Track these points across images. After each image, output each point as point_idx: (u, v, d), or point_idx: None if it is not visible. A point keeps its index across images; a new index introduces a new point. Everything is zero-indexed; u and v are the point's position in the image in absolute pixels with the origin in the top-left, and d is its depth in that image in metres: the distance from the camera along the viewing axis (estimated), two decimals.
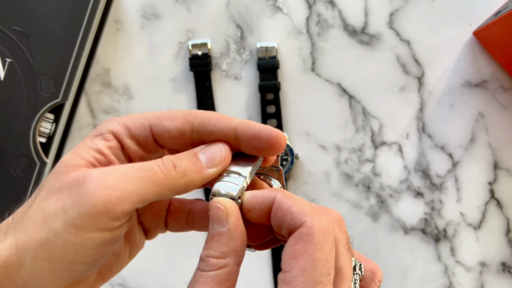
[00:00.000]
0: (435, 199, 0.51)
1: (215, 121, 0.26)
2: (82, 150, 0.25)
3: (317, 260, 0.22)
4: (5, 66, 0.48)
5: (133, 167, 0.24)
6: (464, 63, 0.50)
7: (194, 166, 0.25)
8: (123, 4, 0.52)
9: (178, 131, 0.26)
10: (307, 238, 0.22)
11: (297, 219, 0.23)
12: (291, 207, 0.23)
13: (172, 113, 0.27)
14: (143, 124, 0.26)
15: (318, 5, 0.51)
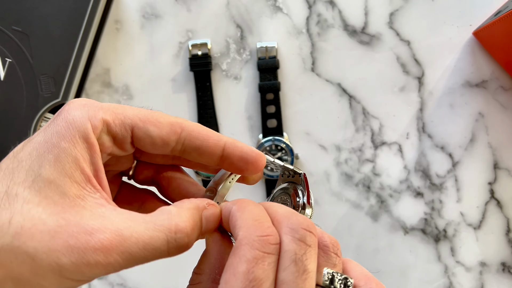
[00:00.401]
0: (435, 199, 0.51)
1: (203, 136, 0.26)
2: (66, 163, 0.22)
3: (239, 273, 0.21)
4: (5, 66, 0.48)
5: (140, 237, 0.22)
6: (464, 63, 0.50)
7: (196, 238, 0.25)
8: (123, 4, 0.52)
9: (162, 140, 0.25)
10: (234, 251, 0.22)
11: (235, 233, 0.23)
12: (236, 220, 0.24)
13: (157, 117, 0.25)
14: (124, 123, 0.25)
15: (318, 5, 0.51)
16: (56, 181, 0.22)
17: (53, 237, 0.20)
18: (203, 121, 0.51)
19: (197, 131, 0.26)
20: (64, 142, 0.23)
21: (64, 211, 0.21)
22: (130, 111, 0.25)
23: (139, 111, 0.25)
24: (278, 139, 0.50)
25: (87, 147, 0.23)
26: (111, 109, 0.25)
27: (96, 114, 0.24)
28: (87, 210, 0.22)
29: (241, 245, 0.22)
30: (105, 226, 0.21)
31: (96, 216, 0.22)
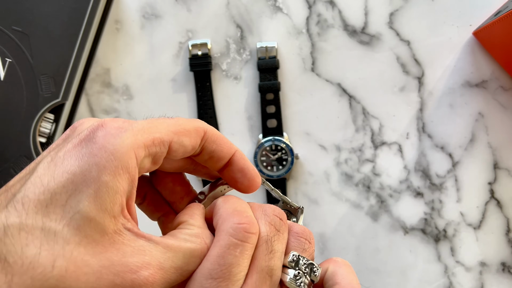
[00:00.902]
0: (435, 199, 0.51)
1: (220, 141, 0.27)
2: (107, 197, 0.21)
3: (211, 256, 0.24)
4: (5, 66, 0.48)
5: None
6: (464, 63, 0.50)
7: None
8: (123, 4, 0.52)
9: (193, 147, 0.26)
10: (214, 239, 0.25)
11: (216, 221, 0.26)
12: (218, 210, 0.26)
13: (184, 125, 0.26)
14: (163, 142, 0.24)
15: (318, 5, 0.51)
16: (96, 219, 0.21)
17: (98, 278, 0.20)
18: (203, 121, 0.51)
19: (216, 135, 0.27)
20: (105, 175, 0.21)
21: (105, 250, 0.21)
22: (161, 127, 0.25)
23: (168, 124, 0.25)
24: (278, 139, 0.50)
25: (128, 178, 0.22)
26: (147, 130, 0.24)
27: (137, 140, 0.23)
28: (127, 246, 0.22)
29: (218, 232, 0.24)
30: (148, 262, 0.22)
31: (136, 251, 0.22)
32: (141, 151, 0.23)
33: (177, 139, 0.25)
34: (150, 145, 0.23)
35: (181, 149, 0.25)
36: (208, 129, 0.27)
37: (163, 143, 0.24)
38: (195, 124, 0.26)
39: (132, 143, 0.22)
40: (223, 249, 0.24)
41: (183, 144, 0.25)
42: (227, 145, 0.27)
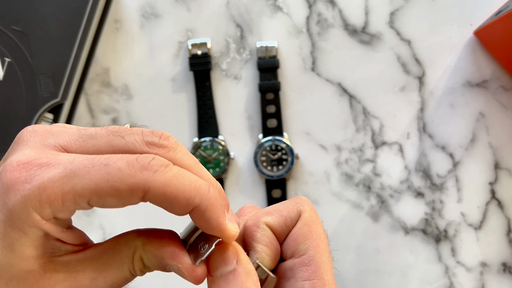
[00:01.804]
0: (436, 199, 0.51)
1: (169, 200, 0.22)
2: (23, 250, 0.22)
3: (322, 238, 0.26)
4: (4, 65, 0.48)
5: None
6: (465, 63, 0.50)
7: None
8: (122, 3, 0.51)
9: (124, 205, 0.22)
10: (308, 221, 0.26)
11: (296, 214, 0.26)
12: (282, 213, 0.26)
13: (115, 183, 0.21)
14: (76, 202, 0.21)
15: (318, 5, 0.50)
16: (17, 265, 0.22)
17: None
18: (203, 121, 0.51)
19: (164, 195, 0.21)
20: (13, 233, 0.21)
21: (37, 281, 0.22)
22: (80, 183, 0.20)
23: (91, 178, 0.20)
24: (278, 139, 0.50)
25: (41, 234, 0.22)
26: (57, 189, 0.20)
27: (41, 201, 0.20)
28: (59, 272, 0.22)
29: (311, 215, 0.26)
30: (80, 284, 0.22)
31: (70, 274, 0.22)
32: (47, 212, 0.21)
33: (97, 200, 0.21)
34: (58, 206, 0.20)
35: (108, 207, 0.22)
36: (152, 188, 0.21)
37: (75, 204, 0.21)
38: (133, 181, 0.21)
39: (34, 206, 0.20)
40: None
41: (106, 204, 0.21)
42: (180, 203, 0.22)
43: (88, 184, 0.20)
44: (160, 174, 0.21)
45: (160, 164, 0.21)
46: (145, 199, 0.21)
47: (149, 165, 0.21)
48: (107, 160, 0.21)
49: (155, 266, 0.24)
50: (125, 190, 0.20)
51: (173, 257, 0.23)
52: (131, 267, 0.23)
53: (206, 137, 0.51)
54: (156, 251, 0.23)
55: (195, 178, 0.22)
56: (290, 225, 0.26)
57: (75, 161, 0.21)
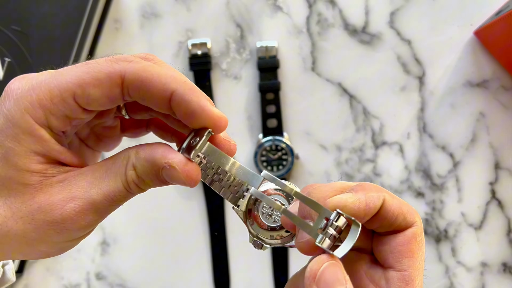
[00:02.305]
0: (436, 199, 0.50)
1: (146, 86, 0.23)
2: (18, 160, 0.22)
3: (423, 258, 0.24)
4: (4, 65, 0.48)
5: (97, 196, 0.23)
6: (465, 63, 0.50)
7: (159, 184, 0.25)
8: (122, 3, 0.51)
9: (108, 98, 0.23)
10: (419, 239, 0.24)
11: (410, 219, 0.24)
12: (401, 207, 0.24)
13: (94, 74, 0.22)
14: (63, 98, 0.22)
15: (318, 4, 0.50)
16: (14, 177, 0.23)
17: (32, 220, 0.23)
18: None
19: (140, 79, 0.23)
20: (8, 141, 0.22)
21: (33, 196, 0.23)
22: (65, 79, 0.22)
23: (73, 72, 0.23)
24: (278, 139, 0.50)
25: (35, 141, 0.23)
26: (45, 86, 0.22)
27: (32, 102, 0.22)
28: (55, 187, 0.23)
29: (421, 233, 0.24)
30: (73, 195, 0.23)
31: (63, 189, 0.23)
32: (38, 112, 0.22)
33: (81, 93, 0.22)
34: (48, 104, 0.22)
35: (94, 102, 0.23)
36: (129, 73, 0.22)
37: (64, 101, 0.22)
38: (109, 69, 0.23)
39: (26, 107, 0.22)
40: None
41: (90, 97, 0.23)
42: (158, 87, 0.23)
43: (71, 78, 0.22)
44: (135, 63, 0.23)
45: (136, 56, 0.24)
46: (124, 88, 0.23)
47: (124, 58, 0.23)
48: (87, 61, 0.23)
49: (148, 174, 0.24)
50: (105, 78, 0.22)
51: (164, 156, 0.23)
52: (124, 179, 0.23)
53: None
54: (147, 155, 0.24)
55: (172, 70, 0.24)
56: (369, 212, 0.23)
57: (60, 68, 0.23)
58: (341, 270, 0.21)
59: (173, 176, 0.23)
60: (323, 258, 0.21)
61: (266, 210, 0.27)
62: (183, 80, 0.23)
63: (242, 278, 0.52)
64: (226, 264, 0.52)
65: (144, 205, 0.52)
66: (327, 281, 0.21)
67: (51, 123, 0.23)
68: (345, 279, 0.21)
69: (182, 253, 0.52)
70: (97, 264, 0.52)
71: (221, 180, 0.26)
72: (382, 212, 0.23)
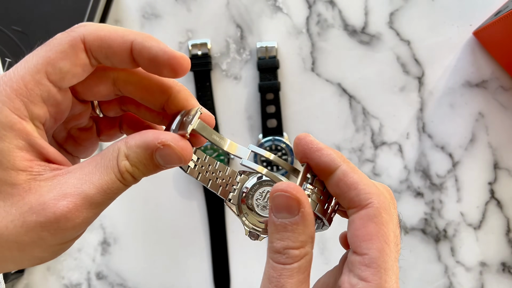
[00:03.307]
0: (435, 199, 0.51)
1: (106, 42, 0.23)
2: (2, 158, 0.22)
3: (390, 239, 0.24)
4: (5, 66, 0.48)
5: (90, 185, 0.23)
6: (464, 63, 0.50)
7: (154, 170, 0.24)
8: (123, 3, 0.51)
9: (79, 66, 0.23)
10: (377, 220, 0.23)
11: (363, 197, 0.23)
12: (357, 183, 0.24)
13: (58, 48, 0.23)
14: (37, 80, 0.23)
15: (318, 5, 0.51)
16: (1, 177, 0.22)
17: (24, 222, 0.22)
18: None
19: (99, 38, 0.23)
20: None
21: (22, 197, 0.22)
22: (32, 62, 0.23)
23: (39, 55, 0.23)
24: (278, 139, 0.50)
25: (17, 135, 0.22)
26: (16, 77, 0.22)
27: (7, 94, 0.22)
28: (43, 186, 0.22)
29: (381, 214, 0.23)
30: (64, 193, 0.22)
31: (53, 187, 0.22)
32: (16, 103, 0.22)
33: (52, 69, 0.23)
34: (23, 91, 0.22)
35: (67, 76, 0.23)
36: (87, 34, 0.23)
37: (38, 83, 0.22)
38: (70, 38, 0.23)
39: (2, 101, 0.22)
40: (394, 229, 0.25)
41: (64, 70, 0.23)
42: (118, 41, 0.23)
43: (38, 59, 0.22)
44: (90, 25, 0.23)
45: (91, 23, 0.24)
46: (87, 51, 0.23)
47: (78, 25, 0.23)
48: (46, 42, 0.23)
49: (141, 161, 0.23)
50: (68, 47, 0.23)
51: (156, 137, 0.23)
52: (116, 170, 0.23)
53: None
54: (138, 141, 0.23)
55: (128, 29, 0.24)
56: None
57: (24, 57, 0.23)
58: (295, 202, 0.23)
59: (168, 155, 0.23)
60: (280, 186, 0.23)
61: (260, 201, 0.27)
62: (140, 33, 0.24)
63: (242, 278, 0.52)
64: (226, 263, 0.52)
65: (145, 205, 0.52)
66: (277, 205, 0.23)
67: (31, 111, 0.23)
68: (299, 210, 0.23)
69: (182, 253, 0.52)
70: (98, 263, 0.52)
71: (208, 172, 0.27)
72: (335, 178, 0.24)
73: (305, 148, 0.26)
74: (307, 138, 0.27)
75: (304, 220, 0.23)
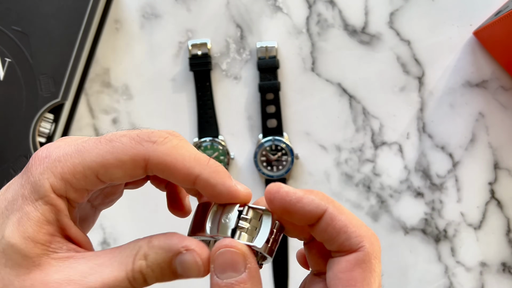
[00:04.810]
0: (436, 199, 0.51)
1: (170, 170, 0.23)
2: (28, 226, 0.22)
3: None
4: (5, 66, 0.48)
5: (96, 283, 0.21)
6: (465, 63, 0.50)
7: (167, 278, 0.23)
8: (122, 3, 0.51)
9: (130, 177, 0.23)
10: (365, 266, 0.22)
11: (354, 241, 0.22)
12: (346, 226, 0.22)
13: (118, 155, 0.23)
14: (86, 175, 0.23)
15: (318, 5, 0.51)
16: (17, 245, 0.22)
17: None
18: (203, 121, 0.51)
19: (164, 164, 0.23)
20: (27, 206, 0.22)
21: (29, 271, 0.22)
22: (89, 157, 0.23)
23: (97, 152, 0.23)
24: (278, 139, 0.50)
25: (50, 209, 0.23)
26: (70, 161, 0.23)
27: (55, 173, 0.23)
28: (53, 266, 0.22)
29: (371, 260, 0.22)
30: (69, 278, 0.22)
31: (62, 269, 0.22)
32: (59, 184, 0.23)
33: (104, 172, 0.23)
34: (70, 178, 0.23)
35: (115, 179, 0.23)
36: (153, 157, 0.22)
37: (85, 177, 0.23)
38: (134, 152, 0.23)
39: (49, 176, 0.23)
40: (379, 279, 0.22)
41: (113, 176, 0.23)
42: (183, 172, 0.23)
43: (96, 157, 0.23)
44: (159, 144, 0.23)
45: (159, 135, 0.23)
46: (147, 169, 0.23)
47: (148, 137, 0.23)
48: (112, 136, 0.23)
49: (159, 264, 0.22)
50: (128, 160, 0.23)
51: (181, 241, 0.22)
52: (130, 269, 0.22)
53: (206, 137, 0.51)
54: (162, 242, 0.23)
55: (195, 151, 0.23)
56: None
57: (86, 141, 0.23)
58: (241, 257, 0.22)
59: (188, 262, 0.23)
60: (224, 242, 0.22)
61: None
62: (206, 161, 0.23)
63: None
64: None
65: (145, 205, 0.52)
66: (221, 264, 0.22)
67: (69, 195, 0.23)
68: (245, 267, 0.22)
69: None
70: None
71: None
72: (323, 223, 0.22)
73: (283, 203, 0.23)
74: (281, 190, 0.23)
75: (252, 277, 0.22)
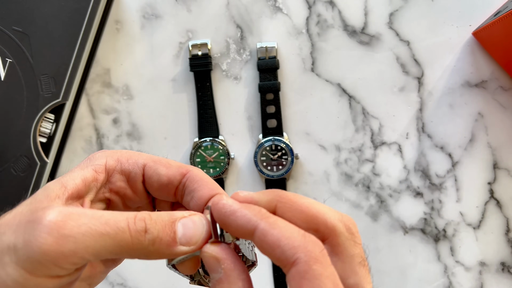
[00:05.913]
0: (435, 199, 0.51)
1: (201, 182, 0.26)
2: (68, 177, 0.25)
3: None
4: (6, 66, 0.48)
5: (100, 219, 0.22)
6: (464, 63, 0.50)
7: (167, 237, 0.23)
8: (123, 4, 0.52)
9: (169, 179, 0.27)
10: (309, 276, 0.21)
11: (288, 254, 0.21)
12: (279, 240, 0.21)
13: (168, 161, 0.27)
14: (137, 162, 0.27)
15: (318, 5, 0.51)
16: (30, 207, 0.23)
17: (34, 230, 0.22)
18: (203, 121, 0.51)
19: (199, 176, 0.27)
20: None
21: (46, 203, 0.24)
22: (144, 154, 0.28)
23: (154, 155, 0.28)
24: (278, 139, 0.50)
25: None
26: (125, 152, 0.27)
27: (113, 154, 0.27)
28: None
29: (311, 268, 0.21)
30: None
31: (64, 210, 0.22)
32: (113, 162, 0.27)
33: (153, 165, 0.27)
34: (123, 162, 0.27)
35: (156, 177, 0.27)
36: (193, 170, 0.27)
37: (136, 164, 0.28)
38: (180, 164, 0.27)
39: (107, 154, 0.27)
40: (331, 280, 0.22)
41: (158, 172, 0.27)
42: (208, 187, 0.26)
43: (147, 156, 0.28)
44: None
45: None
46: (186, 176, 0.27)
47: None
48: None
49: (162, 219, 0.24)
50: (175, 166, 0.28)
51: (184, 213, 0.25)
52: (132, 216, 0.23)
53: (206, 137, 0.51)
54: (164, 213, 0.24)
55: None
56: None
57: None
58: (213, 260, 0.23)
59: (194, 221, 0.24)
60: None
61: None
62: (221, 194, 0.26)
63: None
64: None
65: None
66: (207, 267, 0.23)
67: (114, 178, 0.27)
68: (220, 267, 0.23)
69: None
70: None
71: None
72: (256, 239, 0.22)
73: (219, 215, 0.23)
74: (219, 203, 0.23)
75: (228, 277, 0.22)
